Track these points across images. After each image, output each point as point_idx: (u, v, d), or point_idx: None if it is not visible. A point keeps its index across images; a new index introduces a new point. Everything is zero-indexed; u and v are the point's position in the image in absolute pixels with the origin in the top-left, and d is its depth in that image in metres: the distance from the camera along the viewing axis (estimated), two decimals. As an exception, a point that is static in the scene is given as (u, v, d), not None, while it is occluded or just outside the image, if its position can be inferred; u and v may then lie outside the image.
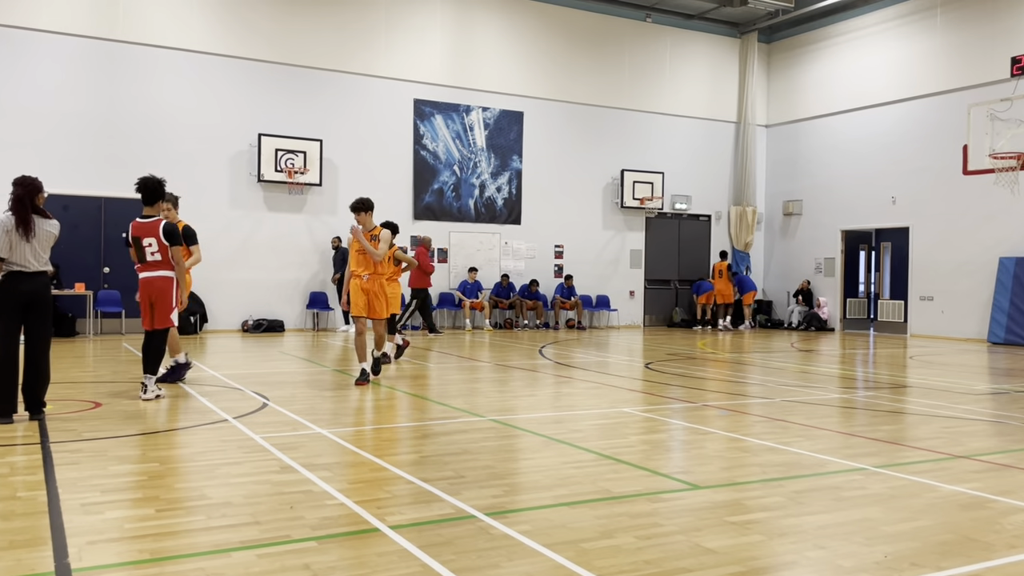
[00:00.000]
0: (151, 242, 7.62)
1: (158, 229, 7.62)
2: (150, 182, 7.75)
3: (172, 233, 7.65)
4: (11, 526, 3.81)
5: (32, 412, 6.48)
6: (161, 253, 7.63)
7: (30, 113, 14.83)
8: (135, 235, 7.70)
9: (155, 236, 7.61)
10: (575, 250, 20.36)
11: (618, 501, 4.41)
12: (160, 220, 7.71)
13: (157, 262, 7.65)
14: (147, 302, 7.68)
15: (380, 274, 8.98)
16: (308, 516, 4.03)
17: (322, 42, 17.34)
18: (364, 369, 8.81)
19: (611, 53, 20.62)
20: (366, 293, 8.85)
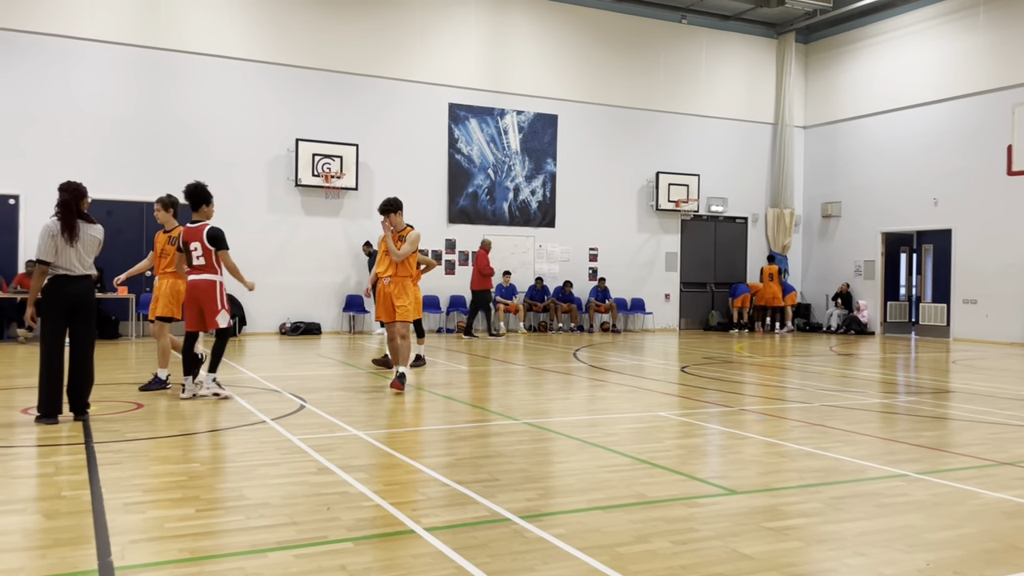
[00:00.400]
0: (196, 246, 7.81)
1: (202, 234, 7.77)
2: (195, 188, 7.91)
3: (215, 238, 7.79)
4: (56, 524, 3.90)
5: (77, 413, 6.61)
6: (205, 257, 7.79)
7: (75, 120, 15.18)
8: (184, 240, 7.87)
9: (200, 240, 7.77)
10: (609, 253, 20.29)
11: (653, 505, 4.39)
12: (205, 225, 7.86)
13: (202, 266, 7.81)
14: (194, 305, 7.84)
15: (403, 276, 8.66)
16: (344, 517, 4.07)
17: (358, 47, 17.50)
18: (402, 372, 8.54)
19: (646, 55, 20.53)
20: (388, 296, 8.58)
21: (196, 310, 7.84)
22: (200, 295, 7.80)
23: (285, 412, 7.15)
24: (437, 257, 18.47)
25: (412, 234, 8.70)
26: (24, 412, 6.93)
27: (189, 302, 7.88)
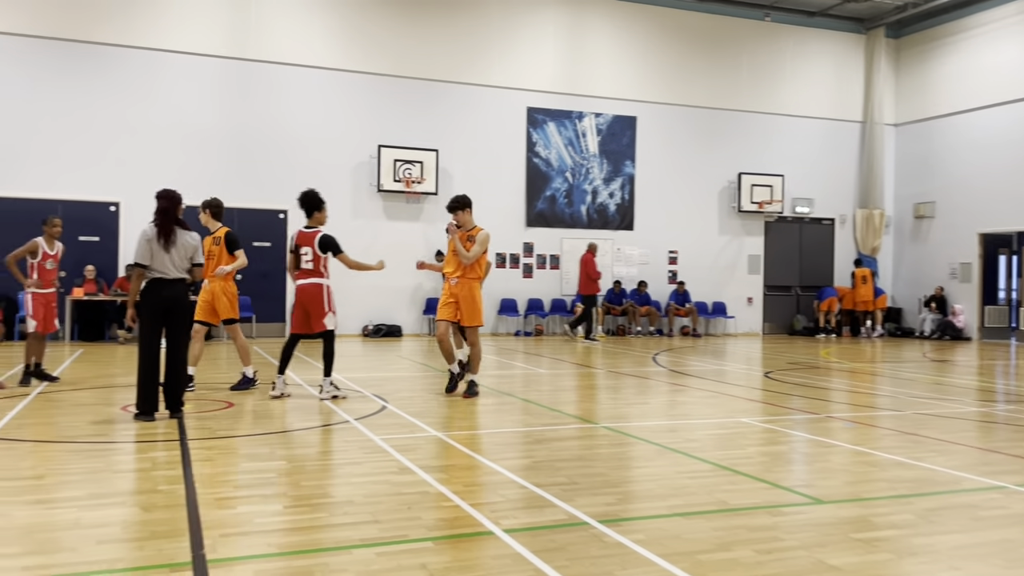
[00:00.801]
0: (307, 251, 8.07)
1: (315, 240, 8.03)
2: (307, 195, 8.18)
3: (327, 244, 8.03)
4: (153, 517, 4.08)
5: (172, 411, 6.90)
6: (314, 262, 8.06)
7: (171, 129, 15.88)
8: (297, 243, 8.13)
9: (311, 246, 8.03)
10: (690, 256, 19.99)
11: (736, 513, 4.30)
12: (318, 232, 8.10)
13: (310, 270, 8.07)
14: (301, 308, 8.12)
15: (471, 278, 8.32)
16: (425, 517, 4.13)
17: (438, 54, 17.76)
18: (451, 371, 8.44)
19: (728, 54, 20.17)
20: (455, 297, 8.25)
21: (303, 312, 8.12)
22: (307, 298, 8.07)
23: (367, 412, 7.30)
24: (515, 261, 18.56)
25: (482, 234, 8.31)
26: (124, 409, 7.27)
27: (296, 304, 8.18)
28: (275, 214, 16.63)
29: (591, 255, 16.55)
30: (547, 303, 18.83)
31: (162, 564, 3.42)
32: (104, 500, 4.39)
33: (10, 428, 6.36)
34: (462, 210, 8.39)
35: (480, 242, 8.25)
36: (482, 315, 8.41)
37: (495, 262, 18.43)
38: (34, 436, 6.08)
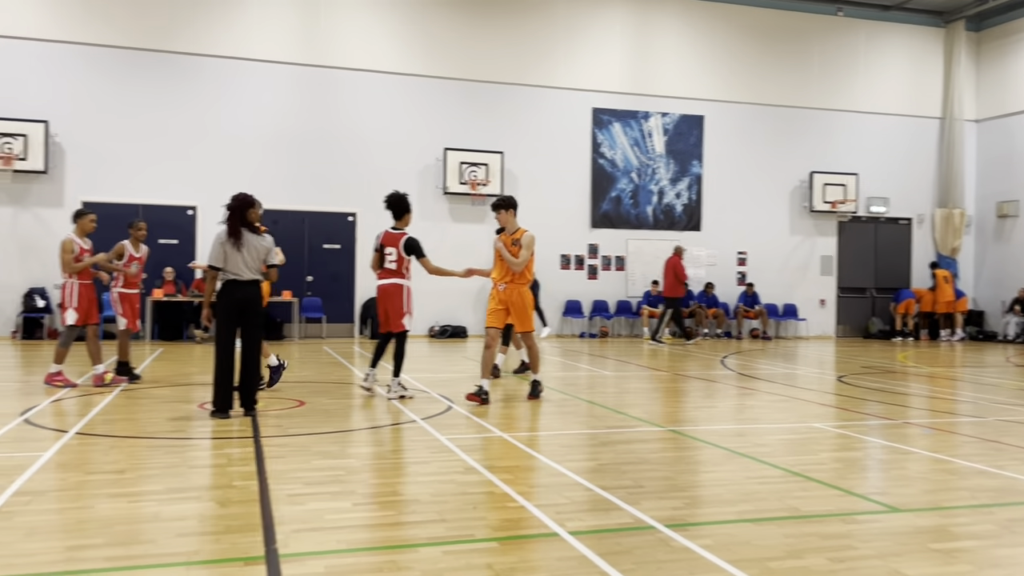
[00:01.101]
0: (392, 251, 8.24)
1: (400, 241, 8.20)
2: (396, 197, 8.35)
3: (411, 246, 8.20)
4: (228, 512, 4.20)
5: (246, 409, 7.09)
6: (397, 263, 8.22)
7: (245, 135, 16.34)
8: (382, 243, 8.30)
9: (396, 247, 8.20)
10: (759, 257, 19.61)
11: (807, 520, 4.20)
12: (404, 234, 8.27)
13: (392, 271, 8.25)
14: (382, 307, 8.29)
15: (520, 283, 8.12)
16: (490, 517, 4.15)
17: (504, 56, 17.85)
18: (481, 386, 7.90)
19: (798, 50, 19.73)
20: (505, 304, 8.09)
21: (384, 312, 8.28)
22: (386, 298, 8.25)
23: (434, 412, 7.38)
24: (579, 262, 18.51)
25: (527, 237, 8.08)
26: (200, 407, 7.51)
27: (378, 303, 8.36)
28: (344, 217, 16.95)
29: (678, 257, 16.47)
30: (612, 305, 18.72)
31: (237, 557, 3.52)
32: (182, 494, 4.55)
33: (95, 424, 6.63)
34: (506, 210, 8.16)
35: (527, 246, 8.04)
36: (532, 320, 8.27)
37: (559, 263, 18.42)
38: (116, 432, 6.33)
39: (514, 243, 8.05)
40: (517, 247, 8.02)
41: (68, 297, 8.70)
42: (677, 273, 16.23)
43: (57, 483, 4.73)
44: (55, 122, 15.31)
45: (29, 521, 3.96)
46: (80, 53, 15.56)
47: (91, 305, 8.89)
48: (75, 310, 8.68)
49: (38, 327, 15.21)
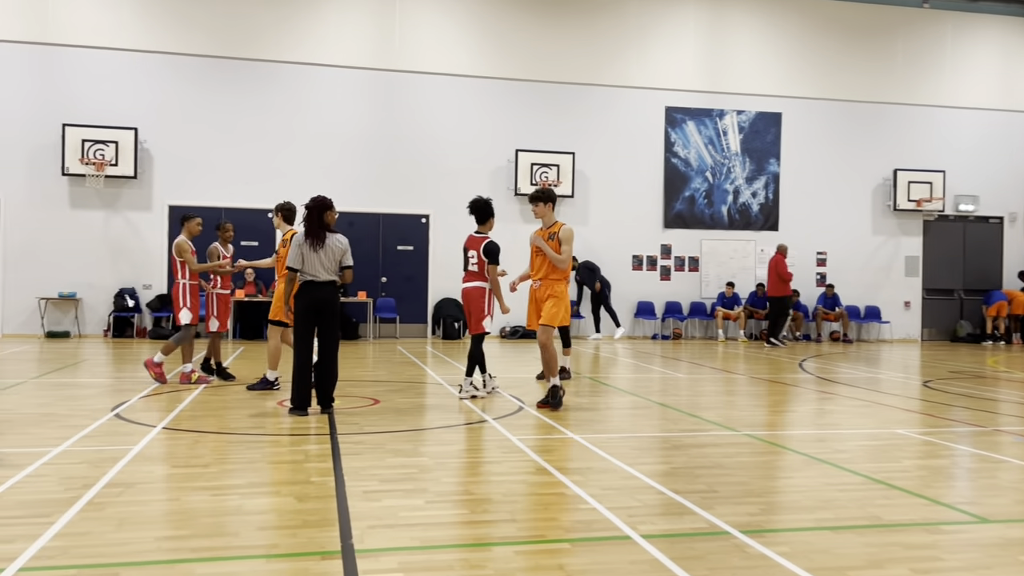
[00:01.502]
0: (473, 255, 8.42)
1: (480, 245, 8.37)
2: (479, 203, 8.52)
3: (490, 252, 8.34)
4: (306, 507, 4.31)
5: (323, 407, 7.26)
6: (478, 266, 8.38)
7: (321, 139, 16.74)
8: (466, 247, 8.49)
9: (477, 250, 8.38)
10: (840, 258, 19.05)
11: (890, 529, 4.07)
12: (485, 238, 8.41)
13: (475, 273, 8.41)
14: (466, 309, 8.46)
15: (555, 279, 7.71)
16: (562, 518, 4.15)
17: (576, 57, 17.81)
18: (554, 385, 7.68)
19: (881, 45, 19.09)
20: (539, 303, 7.74)
21: (468, 313, 8.44)
22: (469, 300, 8.42)
23: (505, 413, 7.41)
24: (652, 263, 18.31)
25: (565, 231, 7.72)
26: (279, 404, 7.73)
27: (464, 306, 8.51)
28: (418, 219, 17.17)
29: (782, 256, 16.29)
30: (685, 306, 18.47)
31: (314, 552, 3.61)
32: (262, 489, 4.69)
33: (180, 419, 6.89)
34: (544, 203, 7.87)
35: (566, 240, 7.67)
36: (561, 318, 7.61)
37: (631, 264, 18.27)
38: (201, 427, 6.56)
39: (551, 237, 7.73)
40: (554, 241, 7.69)
41: (182, 297, 9.00)
42: (780, 272, 16.06)
43: (145, 476, 4.93)
44: (143, 129, 15.97)
45: (120, 512, 4.14)
46: (167, 62, 16.20)
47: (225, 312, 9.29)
48: (190, 309, 8.95)
49: (128, 326, 15.89)
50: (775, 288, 16.22)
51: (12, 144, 15.50)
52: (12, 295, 15.61)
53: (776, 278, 16.16)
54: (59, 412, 7.07)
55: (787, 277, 16.22)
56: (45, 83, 15.75)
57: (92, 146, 15.56)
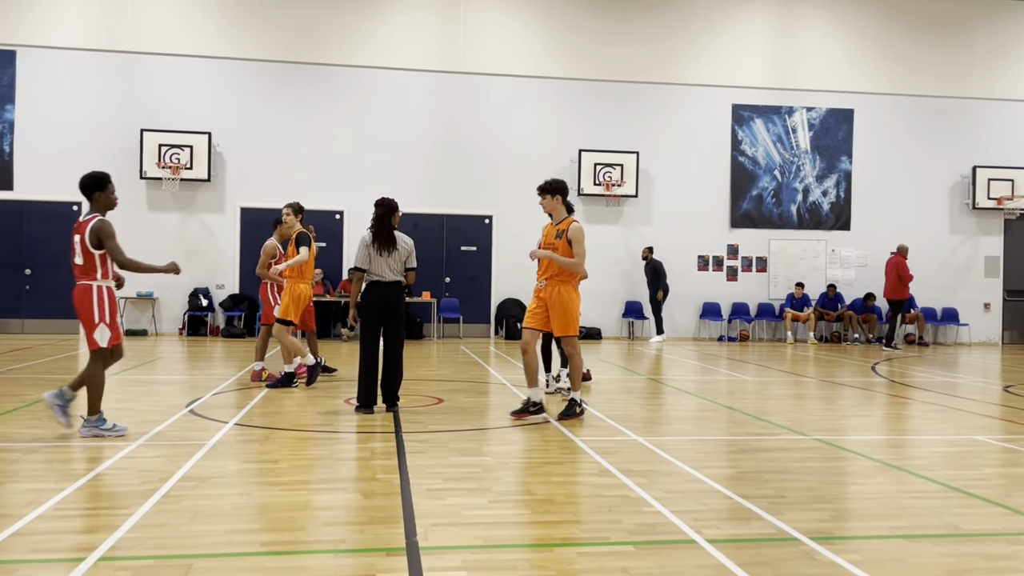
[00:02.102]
0: None
1: None
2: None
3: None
4: (372, 504, 4.38)
5: (388, 405, 7.35)
6: None
7: (386, 142, 16.98)
8: None
9: None
10: (915, 258, 18.38)
11: (968, 539, 3.91)
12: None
13: None
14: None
15: (562, 280, 7.03)
16: (625, 520, 4.11)
17: (640, 56, 17.66)
18: (528, 398, 7.17)
19: (959, 38, 18.42)
20: (544, 303, 7.11)
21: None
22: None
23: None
24: (718, 264, 18.03)
25: (575, 229, 6.98)
26: (346, 402, 7.86)
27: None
28: (481, 219, 17.27)
29: (902, 257, 15.94)
30: (753, 307, 18.14)
31: (380, 548, 3.66)
32: (329, 485, 4.78)
33: (251, 416, 7.07)
34: (552, 196, 7.15)
35: (577, 240, 6.94)
36: (577, 323, 7.10)
37: (697, 264, 18.02)
38: (270, 424, 6.72)
39: (559, 235, 7.02)
40: (562, 239, 6.98)
41: (272, 297, 9.26)
42: (901, 274, 15.72)
43: (218, 470, 5.07)
44: (217, 133, 16.45)
45: (193, 505, 4.28)
46: (238, 68, 16.66)
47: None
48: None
49: (202, 324, 16.39)
50: (894, 290, 15.89)
51: (94, 149, 16.15)
52: (94, 294, 16.26)
53: (896, 280, 15.82)
54: (137, 407, 7.34)
55: (908, 279, 15.85)
56: (125, 90, 16.37)
57: (168, 150, 16.10)
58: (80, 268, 5.91)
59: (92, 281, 5.92)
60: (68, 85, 16.20)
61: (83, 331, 6.00)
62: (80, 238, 5.88)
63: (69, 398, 6.00)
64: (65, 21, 16.17)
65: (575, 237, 6.92)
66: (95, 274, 5.91)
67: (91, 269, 5.89)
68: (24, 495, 4.39)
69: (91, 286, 5.90)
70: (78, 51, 16.21)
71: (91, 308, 5.90)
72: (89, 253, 5.86)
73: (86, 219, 5.93)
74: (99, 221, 5.89)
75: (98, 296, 5.92)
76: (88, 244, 5.84)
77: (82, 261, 5.88)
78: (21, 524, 3.86)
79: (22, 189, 16.09)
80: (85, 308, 5.90)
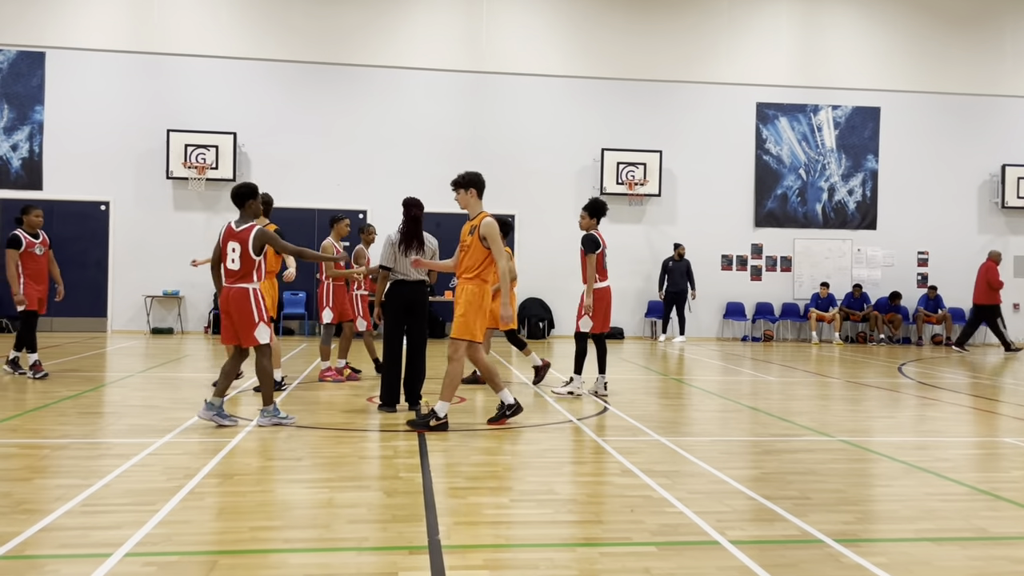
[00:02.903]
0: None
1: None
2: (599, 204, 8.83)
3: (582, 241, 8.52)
4: (395, 502, 4.39)
5: (411, 403, 7.38)
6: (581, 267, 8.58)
7: (410, 141, 17.03)
8: None
9: None
10: (942, 257, 18.20)
11: (996, 542, 3.86)
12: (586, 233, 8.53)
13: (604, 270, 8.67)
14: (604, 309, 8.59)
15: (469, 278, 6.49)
16: (648, 521, 4.10)
17: (663, 54, 17.58)
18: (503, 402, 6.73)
19: (987, 34, 18.16)
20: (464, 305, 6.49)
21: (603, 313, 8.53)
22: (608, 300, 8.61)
23: (590, 413, 7.38)
24: (742, 263, 17.90)
25: (487, 225, 6.48)
26: (369, 400, 7.90)
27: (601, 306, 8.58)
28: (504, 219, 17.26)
29: (994, 263, 15.80)
30: (777, 307, 17.99)
31: (402, 546, 3.67)
32: (352, 483, 4.80)
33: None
34: (465, 189, 6.78)
35: (492, 238, 6.42)
36: (477, 330, 6.45)
37: (720, 264, 17.91)
38: (294, 421, 6.76)
39: (471, 231, 6.56)
40: (474, 236, 6.50)
41: (325, 297, 9.32)
42: (990, 280, 15.56)
43: (242, 467, 5.12)
44: (242, 133, 16.60)
45: (218, 502, 4.32)
46: (263, 69, 16.80)
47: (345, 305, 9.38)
48: (331, 309, 9.26)
49: (227, 323, 16.52)
50: (983, 296, 15.70)
51: (121, 150, 16.35)
52: (120, 293, 16.48)
53: (985, 286, 15.63)
54: (163, 405, 7.42)
55: (997, 285, 15.65)
56: (152, 91, 16.56)
57: (194, 150, 16.27)
58: (236, 273, 6.34)
59: (249, 284, 6.36)
60: (96, 86, 16.41)
61: (238, 329, 6.39)
62: (241, 245, 6.30)
63: (219, 405, 6.41)
64: (93, 23, 16.38)
65: (488, 233, 6.40)
66: (251, 278, 6.37)
67: (248, 273, 6.34)
68: (53, 491, 4.46)
69: (248, 289, 6.35)
70: (106, 53, 16.43)
71: (250, 309, 6.34)
72: (250, 259, 6.32)
73: (243, 228, 6.36)
74: (260, 230, 6.37)
75: (255, 298, 6.38)
76: (251, 251, 6.30)
77: (239, 266, 6.31)
78: (49, 520, 3.92)
79: (51, 189, 16.32)
80: (245, 309, 6.33)
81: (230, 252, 6.32)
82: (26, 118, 16.25)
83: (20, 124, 16.26)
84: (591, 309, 8.46)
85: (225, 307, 6.38)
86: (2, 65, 16.18)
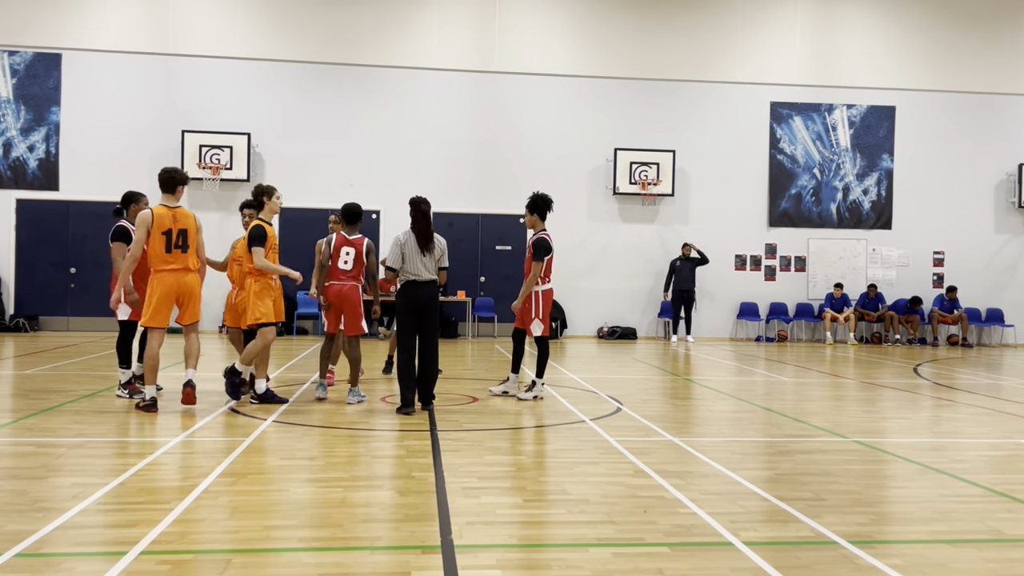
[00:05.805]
0: None
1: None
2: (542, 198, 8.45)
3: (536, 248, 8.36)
4: (407, 501, 4.40)
5: (424, 403, 7.39)
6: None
7: (423, 141, 17.05)
8: None
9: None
10: (959, 257, 18.06)
11: (1013, 545, 3.82)
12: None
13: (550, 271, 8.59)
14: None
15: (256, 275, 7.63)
16: (661, 521, 4.09)
17: (676, 53, 17.53)
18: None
19: (1004, 32, 18.01)
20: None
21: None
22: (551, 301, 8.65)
23: (603, 413, 7.37)
24: (755, 263, 17.83)
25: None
26: (382, 400, 7.92)
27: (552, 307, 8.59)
28: (516, 219, 17.27)
29: None
30: (791, 307, 17.90)
31: (415, 545, 3.68)
32: (366, 482, 4.81)
33: (289, 413, 7.16)
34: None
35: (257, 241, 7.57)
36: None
37: (734, 264, 17.83)
38: (307, 421, 6.80)
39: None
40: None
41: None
42: None
43: (256, 466, 5.14)
44: (256, 134, 16.67)
45: (232, 500, 4.34)
46: (277, 69, 16.87)
47: None
48: None
49: (241, 323, 16.61)
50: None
51: (136, 151, 16.45)
52: (136, 293, 16.57)
53: None
54: (179, 404, 7.46)
55: None
56: (166, 92, 16.66)
57: (209, 151, 16.36)
58: (350, 273, 7.75)
59: (359, 283, 7.85)
60: (112, 87, 16.53)
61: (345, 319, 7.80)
62: (357, 251, 7.76)
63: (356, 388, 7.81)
64: (109, 25, 16.50)
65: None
66: (361, 278, 7.88)
67: (359, 273, 7.83)
68: (68, 489, 4.49)
69: (358, 286, 7.83)
70: (121, 54, 16.54)
71: (360, 302, 7.79)
72: (362, 263, 7.80)
73: (354, 238, 7.80)
74: (370, 241, 7.87)
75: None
76: (364, 256, 7.78)
77: (353, 267, 7.74)
78: (65, 518, 3.95)
79: (67, 189, 16.45)
80: (356, 302, 7.77)
81: (347, 256, 7.70)
82: (42, 119, 16.40)
83: (37, 125, 16.41)
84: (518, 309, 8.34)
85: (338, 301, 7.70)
86: (19, 67, 16.33)
